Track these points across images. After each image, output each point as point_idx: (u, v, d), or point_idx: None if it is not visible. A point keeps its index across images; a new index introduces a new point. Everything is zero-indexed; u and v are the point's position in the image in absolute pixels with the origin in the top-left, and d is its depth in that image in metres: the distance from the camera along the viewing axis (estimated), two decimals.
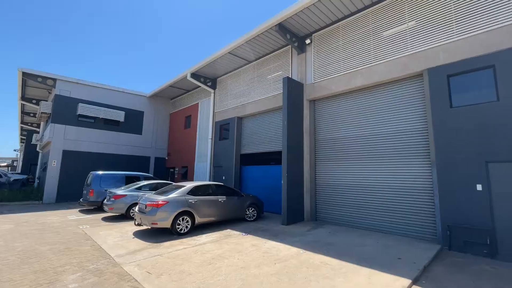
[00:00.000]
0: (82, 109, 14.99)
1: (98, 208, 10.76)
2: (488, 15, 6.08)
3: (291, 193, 8.64)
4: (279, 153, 10.30)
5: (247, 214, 8.92)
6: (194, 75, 13.90)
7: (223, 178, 12.81)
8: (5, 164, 39.79)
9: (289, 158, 8.73)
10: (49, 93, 17.26)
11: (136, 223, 7.56)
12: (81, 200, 11.16)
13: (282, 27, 9.37)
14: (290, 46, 10.60)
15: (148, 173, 17.23)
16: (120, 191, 9.43)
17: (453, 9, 6.63)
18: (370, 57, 8.16)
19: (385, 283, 4.08)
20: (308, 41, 9.90)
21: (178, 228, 7.02)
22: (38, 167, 19.35)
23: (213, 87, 14.62)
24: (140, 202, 7.52)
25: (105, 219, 9.37)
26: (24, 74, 14.09)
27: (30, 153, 24.11)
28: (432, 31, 6.92)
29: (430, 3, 7.06)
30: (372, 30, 8.24)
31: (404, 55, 7.36)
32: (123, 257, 5.27)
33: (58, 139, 14.27)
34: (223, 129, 13.88)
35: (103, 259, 5.19)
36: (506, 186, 5.50)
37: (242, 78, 12.95)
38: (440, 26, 6.80)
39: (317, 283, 4.07)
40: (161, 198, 7.09)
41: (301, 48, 10.10)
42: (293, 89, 9.37)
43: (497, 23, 5.93)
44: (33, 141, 20.32)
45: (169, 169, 18.31)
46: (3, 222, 8.48)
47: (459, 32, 6.45)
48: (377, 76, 7.86)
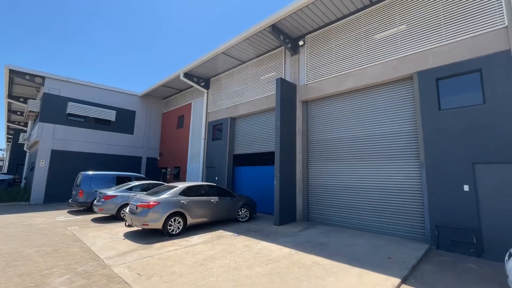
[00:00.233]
0: (72, 108, 14.70)
1: (88, 209, 10.58)
2: (475, 20, 6.26)
3: (283, 194, 8.67)
4: (272, 153, 10.31)
5: (239, 215, 8.91)
6: (187, 75, 13.81)
7: (216, 179, 12.76)
8: None
9: (281, 159, 8.76)
10: (37, 91, 16.84)
11: (127, 224, 7.46)
12: (70, 201, 10.94)
13: (275, 28, 9.41)
14: (283, 47, 10.65)
15: (140, 173, 17.01)
16: (110, 192, 9.28)
17: (442, 13, 6.79)
18: (361, 60, 8.27)
19: (375, 282, 4.15)
20: (301, 42, 9.98)
21: (170, 229, 6.96)
22: (25, 167, 18.87)
23: (206, 87, 14.55)
24: (131, 203, 7.41)
25: (95, 220, 9.20)
26: (11, 71, 13.69)
27: (17, 152, 23.41)
28: (422, 35, 7.07)
29: (420, 7, 7.21)
30: (364, 33, 8.36)
31: (395, 58, 7.49)
32: (113, 258, 5.19)
33: (46, 139, 13.95)
34: (216, 130, 13.83)
35: (92, 261, 5.09)
36: (491, 187, 5.66)
37: (236, 79, 12.94)
38: (429, 30, 6.96)
39: (308, 283, 4.09)
40: (152, 199, 7.01)
41: (294, 49, 10.17)
42: (286, 90, 9.42)
43: (483, 28, 6.11)
44: (20, 140, 19.80)
45: (161, 169, 18.12)
46: None
47: (447, 37, 6.61)
48: (368, 78, 7.97)
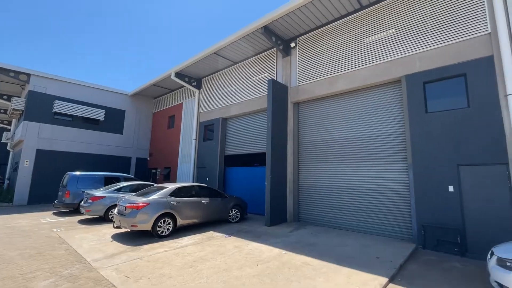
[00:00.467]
0: (59, 106, 14.31)
1: (75, 210, 10.31)
2: (460, 27, 6.46)
3: (274, 194, 8.70)
4: (263, 154, 10.34)
5: (230, 216, 8.88)
6: (179, 74, 13.68)
7: (207, 179, 12.68)
8: None
9: (273, 160, 8.79)
10: (22, 88, 16.32)
11: (115, 225, 7.32)
12: (56, 202, 10.65)
13: (267, 30, 9.45)
14: (275, 48, 10.70)
15: (129, 174, 16.70)
16: (98, 193, 9.09)
17: (429, 19, 6.98)
18: (352, 62, 8.41)
19: (363, 281, 4.21)
20: (293, 44, 10.05)
21: (159, 230, 6.86)
22: (9, 167, 18.24)
23: (198, 87, 14.45)
24: (119, 203, 7.27)
25: (82, 221, 8.98)
26: None
27: None
28: (410, 39, 7.25)
29: (408, 13, 7.39)
30: (354, 36, 8.50)
31: (384, 61, 7.65)
32: (100, 261, 5.07)
33: (31, 138, 13.52)
34: (207, 130, 13.74)
35: (78, 263, 4.97)
36: (475, 188, 5.85)
37: (228, 79, 12.90)
38: (417, 35, 7.14)
39: (298, 284, 4.12)
40: (141, 200, 6.90)
41: (286, 51, 10.23)
42: (278, 91, 9.46)
43: (467, 34, 6.31)
44: (3, 139, 19.03)
45: (151, 170, 17.86)
46: None
47: (434, 42, 6.80)
48: (358, 81, 8.11)
